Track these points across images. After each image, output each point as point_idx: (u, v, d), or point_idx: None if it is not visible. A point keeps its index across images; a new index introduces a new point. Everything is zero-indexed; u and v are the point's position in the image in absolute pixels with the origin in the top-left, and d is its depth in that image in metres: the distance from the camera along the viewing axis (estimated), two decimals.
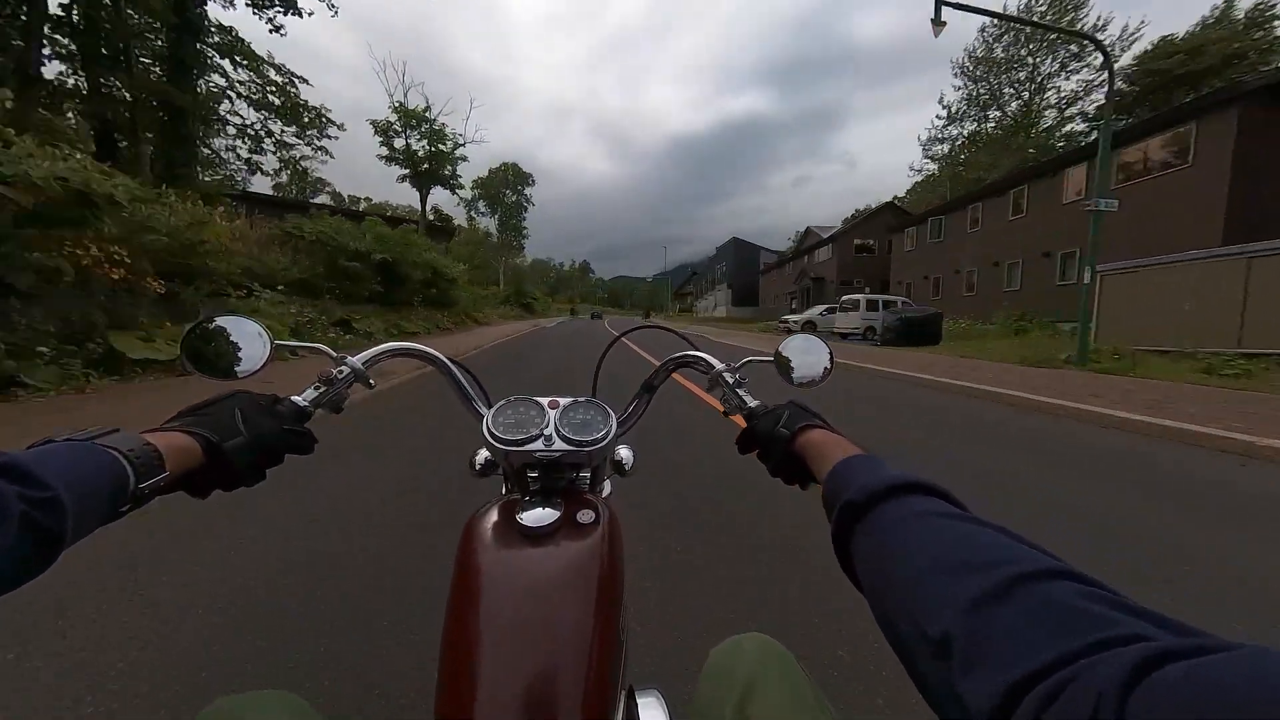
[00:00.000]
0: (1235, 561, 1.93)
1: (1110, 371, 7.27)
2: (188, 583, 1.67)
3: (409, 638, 1.42)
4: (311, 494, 2.44)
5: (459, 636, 0.42)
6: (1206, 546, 2.05)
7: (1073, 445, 3.70)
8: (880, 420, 4.57)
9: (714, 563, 1.87)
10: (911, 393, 6.21)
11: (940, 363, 8.93)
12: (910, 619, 0.26)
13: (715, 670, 0.52)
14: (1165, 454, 3.45)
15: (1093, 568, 0.40)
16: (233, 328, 0.53)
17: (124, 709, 1.15)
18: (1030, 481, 2.85)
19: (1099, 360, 7.86)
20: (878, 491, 0.33)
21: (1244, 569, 1.88)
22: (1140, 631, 0.19)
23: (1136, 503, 2.54)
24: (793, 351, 0.67)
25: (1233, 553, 2.01)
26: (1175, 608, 1.56)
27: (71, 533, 0.29)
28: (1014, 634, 0.21)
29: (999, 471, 3.03)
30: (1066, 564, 0.24)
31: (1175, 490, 2.75)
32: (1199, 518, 2.37)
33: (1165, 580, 1.79)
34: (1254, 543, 2.11)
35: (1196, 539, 2.13)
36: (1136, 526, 2.25)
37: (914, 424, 4.41)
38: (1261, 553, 2.01)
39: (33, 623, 1.43)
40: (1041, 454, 3.44)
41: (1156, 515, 2.38)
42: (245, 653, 1.34)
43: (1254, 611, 1.63)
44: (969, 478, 2.91)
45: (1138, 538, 2.13)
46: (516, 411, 0.60)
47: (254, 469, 0.44)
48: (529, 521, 0.50)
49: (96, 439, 0.34)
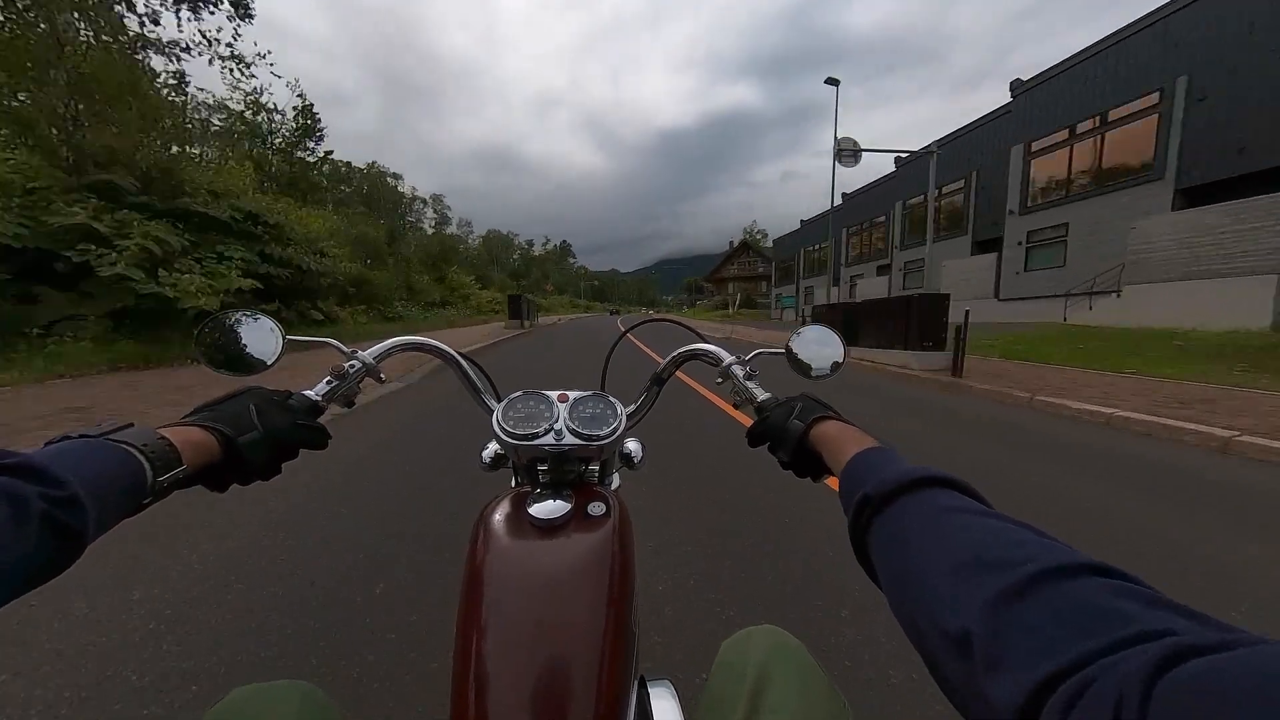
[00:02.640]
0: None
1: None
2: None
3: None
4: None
5: (472, 630, 0.42)
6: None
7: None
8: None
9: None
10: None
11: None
12: (930, 616, 0.25)
13: (727, 661, 0.52)
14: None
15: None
16: (245, 323, 0.52)
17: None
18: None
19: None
20: (896, 485, 0.32)
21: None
22: (1166, 626, 0.18)
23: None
24: (804, 344, 0.67)
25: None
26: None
27: (93, 529, 0.29)
28: (1038, 632, 0.20)
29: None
30: (1092, 558, 0.23)
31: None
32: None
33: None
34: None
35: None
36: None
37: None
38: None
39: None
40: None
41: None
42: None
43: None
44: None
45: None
46: (526, 405, 0.60)
47: (269, 463, 0.44)
48: (540, 514, 0.50)
49: (110, 435, 0.33)
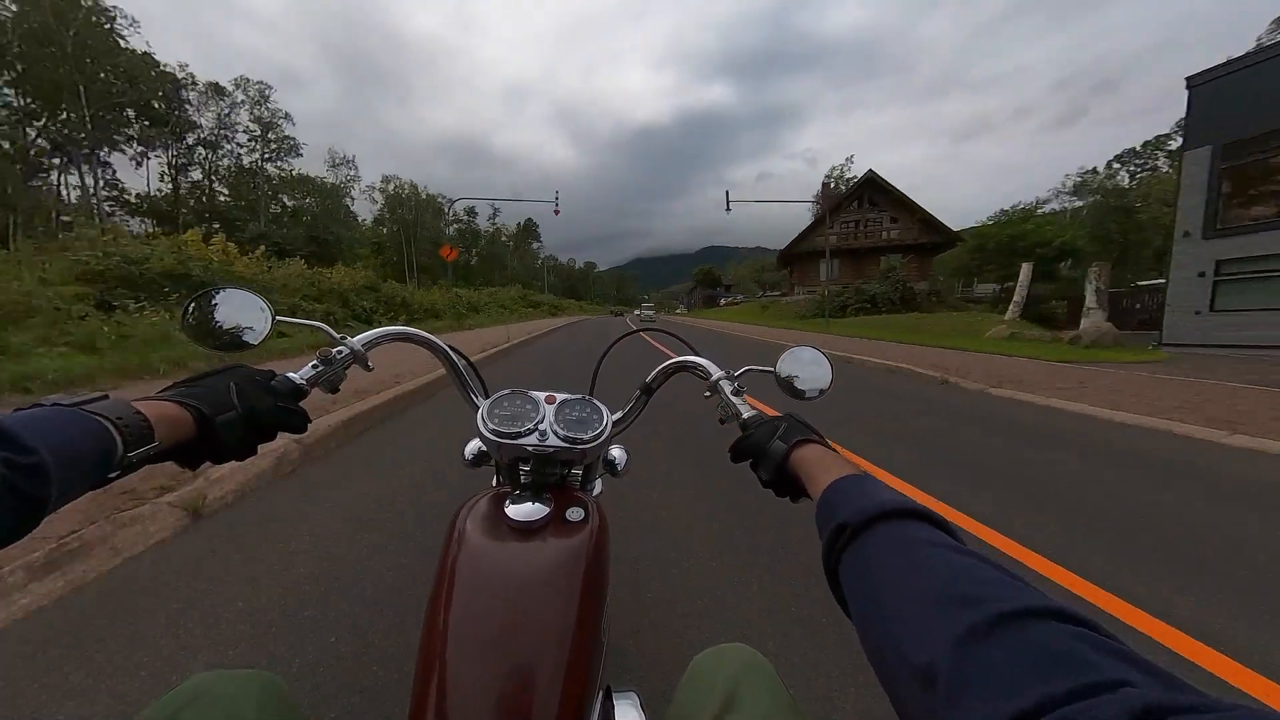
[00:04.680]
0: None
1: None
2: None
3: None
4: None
5: (438, 627, 0.41)
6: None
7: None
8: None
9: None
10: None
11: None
12: (896, 647, 0.25)
13: (695, 678, 0.51)
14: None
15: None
16: (235, 300, 0.51)
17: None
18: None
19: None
20: (870, 515, 0.32)
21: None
22: (1124, 677, 0.19)
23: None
24: (793, 364, 0.66)
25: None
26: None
27: (55, 498, 0.29)
28: (1000, 672, 0.21)
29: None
30: (1056, 602, 0.24)
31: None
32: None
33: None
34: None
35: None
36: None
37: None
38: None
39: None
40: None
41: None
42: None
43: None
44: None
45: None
46: (513, 404, 0.60)
47: (244, 444, 0.43)
48: (517, 516, 0.49)
49: (84, 405, 0.33)
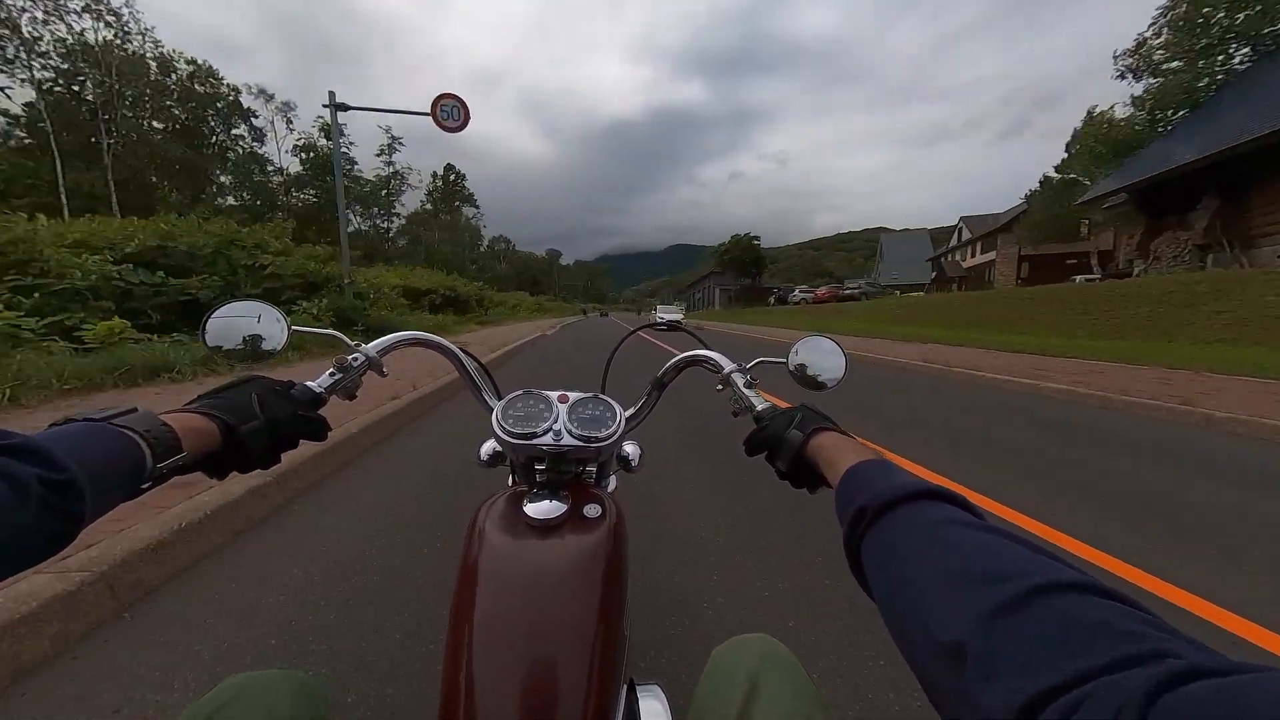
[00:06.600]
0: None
1: None
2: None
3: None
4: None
5: (464, 627, 0.42)
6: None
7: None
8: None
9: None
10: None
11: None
12: (923, 627, 0.25)
13: (718, 670, 0.51)
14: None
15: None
16: (252, 312, 0.53)
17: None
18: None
19: None
20: (892, 498, 0.33)
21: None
22: (1163, 648, 0.19)
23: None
24: (807, 354, 0.66)
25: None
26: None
27: (90, 512, 0.29)
28: (1032, 646, 0.20)
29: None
30: (1088, 575, 0.23)
31: None
32: None
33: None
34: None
35: None
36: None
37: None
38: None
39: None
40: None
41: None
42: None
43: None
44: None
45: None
46: (526, 405, 0.60)
47: (269, 453, 0.44)
48: (536, 514, 0.50)
49: (113, 419, 0.34)
